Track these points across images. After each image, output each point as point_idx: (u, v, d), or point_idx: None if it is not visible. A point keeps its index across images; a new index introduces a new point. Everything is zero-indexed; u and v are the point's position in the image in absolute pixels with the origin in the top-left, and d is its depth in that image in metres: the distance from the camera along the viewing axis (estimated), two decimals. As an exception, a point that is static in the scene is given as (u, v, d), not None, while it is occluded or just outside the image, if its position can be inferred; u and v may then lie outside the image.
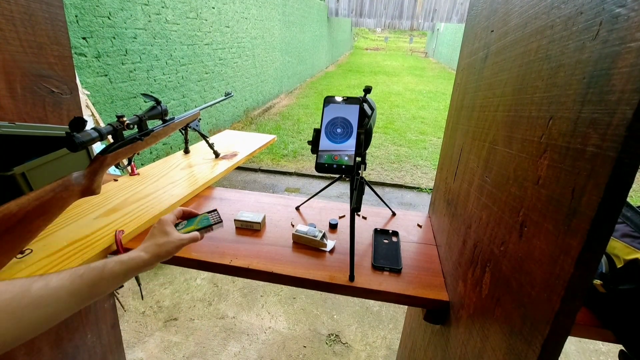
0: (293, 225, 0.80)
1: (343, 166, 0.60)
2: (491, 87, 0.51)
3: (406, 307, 1.34)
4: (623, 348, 0.47)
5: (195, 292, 1.88)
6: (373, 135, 0.67)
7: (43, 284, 0.37)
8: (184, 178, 0.97)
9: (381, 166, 3.88)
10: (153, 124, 0.83)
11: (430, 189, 3.35)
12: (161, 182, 0.93)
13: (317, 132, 0.62)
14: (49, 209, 0.57)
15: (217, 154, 1.12)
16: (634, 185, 2.01)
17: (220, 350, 1.56)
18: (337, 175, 0.65)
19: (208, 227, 0.59)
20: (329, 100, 0.63)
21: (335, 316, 1.79)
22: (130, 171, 0.97)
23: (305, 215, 0.85)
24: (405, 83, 9.35)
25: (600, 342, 0.57)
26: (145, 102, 2.98)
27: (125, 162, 0.76)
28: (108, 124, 0.67)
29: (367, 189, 0.73)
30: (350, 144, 0.60)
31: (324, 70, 11.24)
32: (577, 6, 0.30)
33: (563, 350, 0.29)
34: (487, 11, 0.58)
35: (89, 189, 0.65)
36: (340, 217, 0.83)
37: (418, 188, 3.42)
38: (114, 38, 2.61)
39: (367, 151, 0.65)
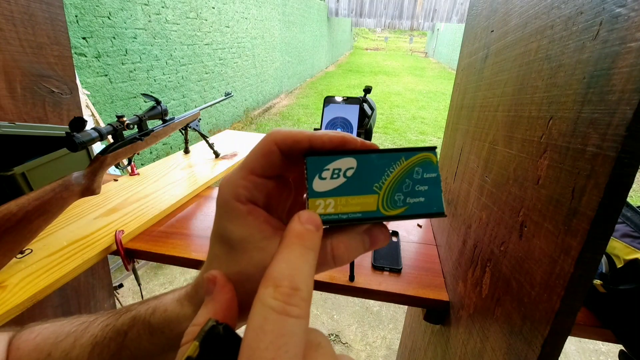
0: (293, 225, 0.80)
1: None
2: (491, 87, 0.51)
3: (406, 307, 1.34)
4: (623, 348, 0.47)
5: (195, 292, 1.88)
6: (373, 135, 0.67)
7: None
8: (184, 178, 0.97)
9: (381, 166, 3.88)
10: (153, 124, 0.83)
11: (430, 189, 3.34)
12: (161, 182, 0.93)
13: (317, 132, 0.62)
14: (49, 209, 0.57)
15: (217, 154, 1.12)
16: (634, 185, 2.02)
17: (220, 350, 1.56)
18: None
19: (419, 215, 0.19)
20: (328, 100, 0.63)
21: (335, 316, 1.79)
22: (130, 171, 0.97)
23: (305, 215, 0.85)
24: (405, 83, 9.35)
25: (600, 342, 0.57)
26: (145, 102, 2.99)
27: (125, 162, 0.76)
28: (108, 124, 0.67)
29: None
30: (350, 144, 0.60)
31: (324, 70, 11.24)
32: (577, 6, 0.30)
33: (563, 350, 0.29)
34: (487, 11, 0.58)
35: (89, 189, 0.65)
36: (340, 217, 0.83)
37: (418, 188, 3.42)
38: (114, 38, 2.61)
39: (367, 151, 0.65)
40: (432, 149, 0.19)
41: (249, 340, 0.13)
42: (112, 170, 1.46)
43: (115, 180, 0.94)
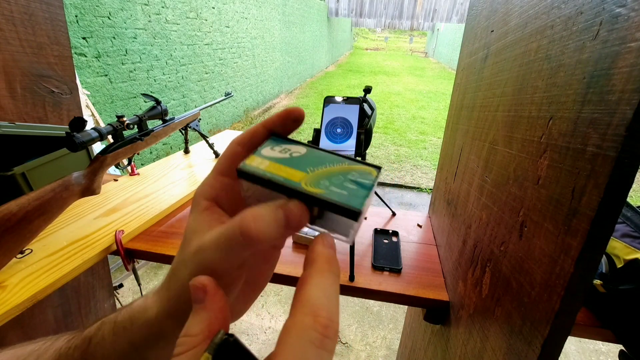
0: (293, 225, 0.79)
1: (343, 166, 0.59)
2: (491, 87, 0.51)
3: (406, 307, 1.34)
4: (623, 348, 0.47)
5: (195, 292, 1.88)
6: (373, 135, 0.67)
7: None
8: (184, 178, 0.97)
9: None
10: (153, 124, 0.83)
11: (430, 189, 3.35)
12: (161, 182, 0.93)
13: (317, 132, 0.62)
14: (49, 209, 0.57)
15: (217, 154, 1.12)
16: (634, 185, 2.02)
17: (220, 350, 1.56)
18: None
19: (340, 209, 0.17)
20: (329, 101, 0.63)
21: (335, 316, 1.79)
22: (130, 171, 0.97)
23: (305, 215, 0.85)
24: (405, 83, 9.35)
25: (600, 342, 0.57)
26: (145, 102, 2.98)
27: (125, 162, 0.76)
28: (108, 124, 0.67)
29: (367, 189, 0.73)
30: (350, 144, 0.60)
31: (324, 70, 11.23)
32: (577, 6, 0.30)
33: (563, 350, 0.29)
34: (487, 11, 0.58)
35: (89, 188, 0.65)
36: (340, 217, 0.83)
37: (418, 188, 3.42)
38: (114, 38, 2.61)
39: (367, 151, 0.65)
40: (378, 168, 0.20)
41: None
42: (112, 170, 1.46)
43: (115, 180, 0.94)
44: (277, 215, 0.17)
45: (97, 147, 1.05)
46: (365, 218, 0.85)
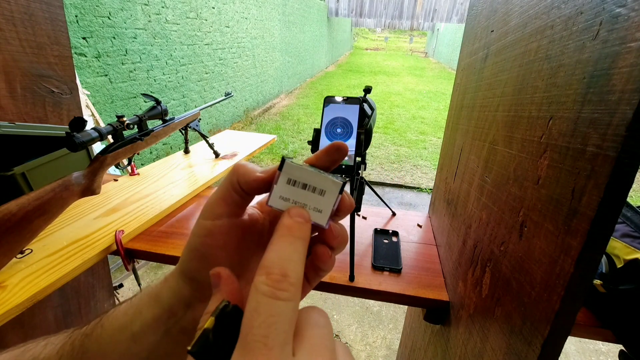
0: (293, 225, 0.79)
1: (343, 166, 0.59)
2: (491, 87, 0.51)
3: (406, 307, 1.34)
4: (623, 348, 0.47)
5: (195, 292, 1.88)
6: (373, 135, 0.67)
7: None
8: (184, 178, 0.97)
9: (381, 166, 3.88)
10: (153, 124, 0.83)
11: (430, 189, 3.35)
12: (161, 182, 0.93)
13: (317, 132, 0.62)
14: (49, 209, 0.57)
15: (217, 154, 1.12)
16: (634, 185, 2.01)
17: (220, 350, 1.56)
18: (337, 175, 0.65)
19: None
20: (328, 100, 0.63)
21: (335, 316, 1.79)
22: (130, 171, 0.97)
23: (305, 215, 0.85)
24: (405, 83, 9.35)
25: (600, 342, 0.57)
26: (145, 102, 2.98)
27: (125, 162, 0.76)
28: (108, 124, 0.67)
29: (367, 189, 0.73)
30: (350, 144, 0.60)
31: (324, 70, 11.23)
32: (577, 6, 0.30)
33: (563, 350, 0.29)
34: (487, 11, 0.58)
35: (89, 188, 0.65)
36: (340, 217, 0.83)
37: (418, 188, 3.42)
38: (114, 38, 2.60)
39: (367, 151, 0.65)
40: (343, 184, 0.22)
41: (246, 319, 0.16)
42: (112, 170, 1.46)
43: (115, 180, 0.94)
44: (257, 166, 0.23)
45: (97, 147, 1.05)
46: (365, 218, 0.85)
